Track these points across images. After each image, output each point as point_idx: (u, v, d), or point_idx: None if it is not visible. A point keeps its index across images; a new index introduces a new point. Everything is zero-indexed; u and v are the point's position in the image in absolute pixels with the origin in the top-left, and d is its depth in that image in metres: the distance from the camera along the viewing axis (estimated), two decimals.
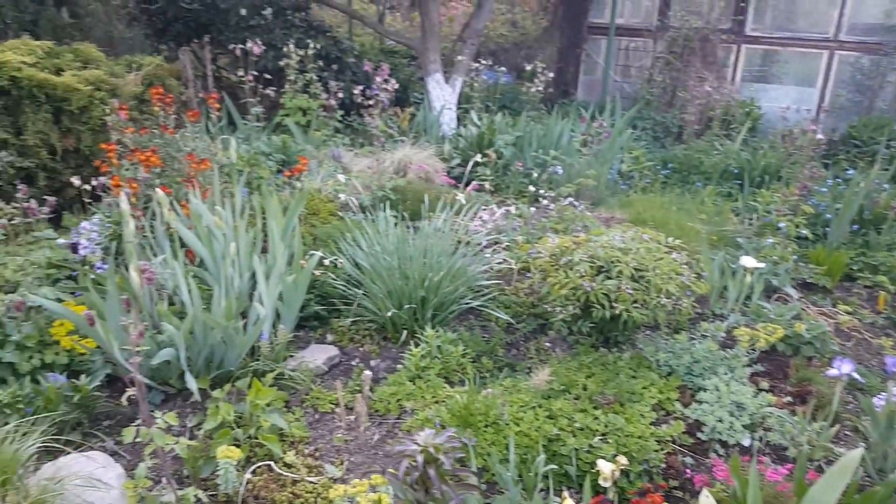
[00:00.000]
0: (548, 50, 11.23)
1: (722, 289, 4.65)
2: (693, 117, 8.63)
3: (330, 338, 4.08)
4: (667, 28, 9.65)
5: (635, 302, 3.53)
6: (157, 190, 3.66)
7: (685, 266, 3.80)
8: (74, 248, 4.02)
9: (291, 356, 3.74)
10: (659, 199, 6.22)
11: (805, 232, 5.52)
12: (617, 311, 3.50)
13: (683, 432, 3.14)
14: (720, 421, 3.16)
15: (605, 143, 6.55)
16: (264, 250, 4.22)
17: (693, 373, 3.52)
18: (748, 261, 4.27)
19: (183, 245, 3.96)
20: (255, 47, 6.55)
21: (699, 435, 3.16)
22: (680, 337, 3.80)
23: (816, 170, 6.27)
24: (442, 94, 8.26)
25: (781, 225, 5.55)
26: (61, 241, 4.34)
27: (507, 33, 11.48)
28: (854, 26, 9.14)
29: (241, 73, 6.61)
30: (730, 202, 6.63)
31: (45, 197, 3.66)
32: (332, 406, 3.40)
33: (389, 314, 3.93)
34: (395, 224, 4.66)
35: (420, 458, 2.08)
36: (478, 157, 5.42)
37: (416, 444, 2.11)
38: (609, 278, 3.60)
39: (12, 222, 3.63)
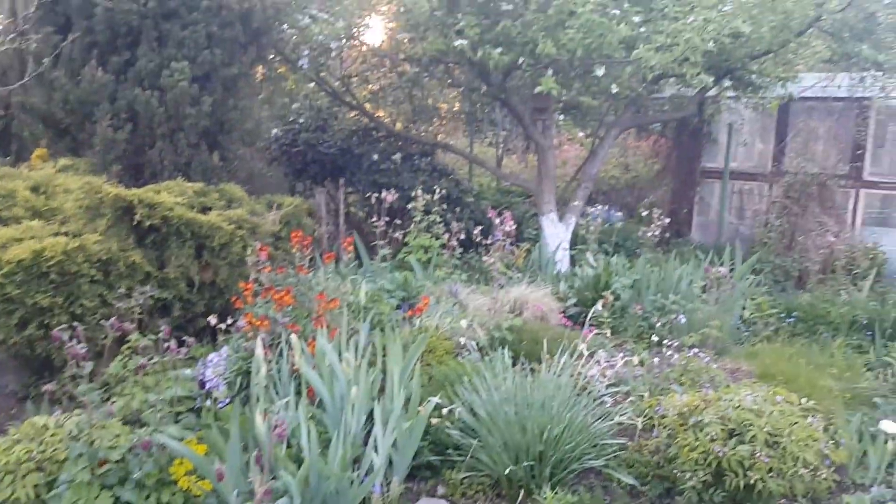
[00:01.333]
0: (660, 191, 10.94)
1: (861, 454, 4.07)
2: (816, 266, 8.02)
3: (441, 490, 3.71)
4: (782, 173, 9.22)
5: (770, 470, 3.08)
6: (292, 336, 3.54)
7: (821, 431, 3.34)
8: (202, 383, 3.90)
9: None
10: (786, 351, 5.62)
11: None
12: (751, 481, 3.03)
13: None
14: None
15: (729, 292, 6.09)
16: (381, 389, 3.98)
17: None
18: (888, 425, 3.84)
19: (306, 384, 3.78)
20: (389, 196, 6.69)
21: None
22: None
23: None
24: (556, 233, 8.08)
25: None
26: (188, 371, 4.26)
27: (620, 175, 11.32)
28: None
29: (374, 219, 6.72)
30: (861, 355, 5.95)
31: (184, 338, 3.59)
32: None
33: (507, 471, 3.53)
34: (513, 365, 4.34)
35: None
36: (598, 306, 5.13)
37: None
38: (742, 443, 3.18)
39: (151, 360, 3.56)
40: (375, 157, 8.47)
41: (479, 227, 7.33)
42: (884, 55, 7.35)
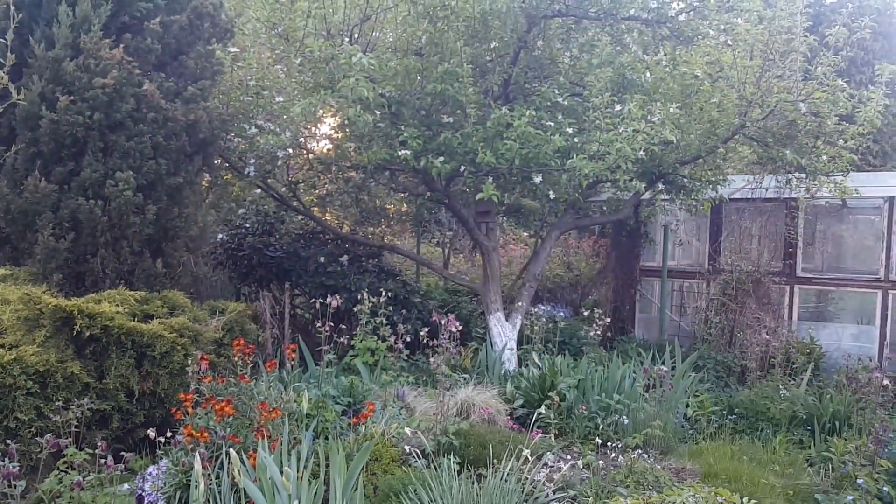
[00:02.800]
0: (603, 289, 11.34)
1: None
2: (754, 363, 8.35)
3: None
4: (719, 271, 9.69)
5: None
6: (231, 450, 3.57)
7: None
8: (140, 498, 3.86)
9: None
10: (729, 449, 5.82)
11: (886, 488, 5.11)
12: None
13: None
14: None
15: (671, 391, 6.32)
16: (325, 501, 3.98)
17: None
18: None
19: (247, 496, 3.77)
20: (334, 301, 6.83)
21: None
22: None
23: (886, 419, 5.92)
24: (503, 332, 8.26)
25: (860, 481, 5.13)
26: (125, 486, 4.20)
27: (563, 274, 11.71)
28: None
29: (320, 323, 6.79)
30: (802, 451, 6.18)
31: (122, 453, 3.59)
32: None
33: None
34: (459, 472, 4.40)
35: None
36: (543, 409, 5.30)
37: None
38: None
39: (87, 477, 3.53)
40: (322, 259, 8.62)
41: (427, 329, 7.49)
42: (806, 159, 7.95)
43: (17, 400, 4.34)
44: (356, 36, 7.12)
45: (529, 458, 4.36)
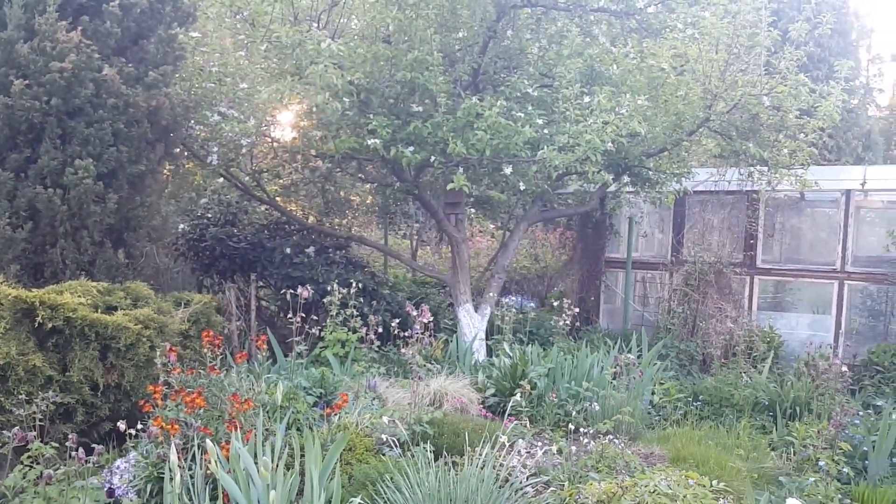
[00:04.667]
0: (569, 280, 11.46)
1: None
2: (718, 351, 8.54)
3: None
4: (681, 262, 9.86)
5: None
6: (207, 441, 3.50)
7: None
8: (110, 491, 3.77)
9: None
10: (695, 434, 5.93)
11: (846, 469, 5.33)
12: None
13: None
14: None
15: (638, 378, 6.43)
16: (300, 492, 3.95)
17: None
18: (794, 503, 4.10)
19: (220, 488, 3.71)
20: (305, 292, 6.72)
21: None
22: None
23: (845, 404, 6.12)
24: (472, 323, 8.29)
25: (822, 463, 5.30)
26: (94, 480, 4.10)
27: (530, 266, 11.80)
28: (858, 258, 9.33)
29: (288, 314, 6.69)
30: (765, 435, 6.36)
31: (93, 446, 3.50)
32: None
33: None
34: (435, 460, 4.41)
35: None
36: (517, 397, 5.37)
37: None
38: None
39: (57, 470, 3.43)
40: (288, 250, 8.52)
41: (397, 320, 7.46)
42: (768, 152, 8.14)
43: None
44: (324, 22, 7.04)
45: (506, 444, 4.38)
